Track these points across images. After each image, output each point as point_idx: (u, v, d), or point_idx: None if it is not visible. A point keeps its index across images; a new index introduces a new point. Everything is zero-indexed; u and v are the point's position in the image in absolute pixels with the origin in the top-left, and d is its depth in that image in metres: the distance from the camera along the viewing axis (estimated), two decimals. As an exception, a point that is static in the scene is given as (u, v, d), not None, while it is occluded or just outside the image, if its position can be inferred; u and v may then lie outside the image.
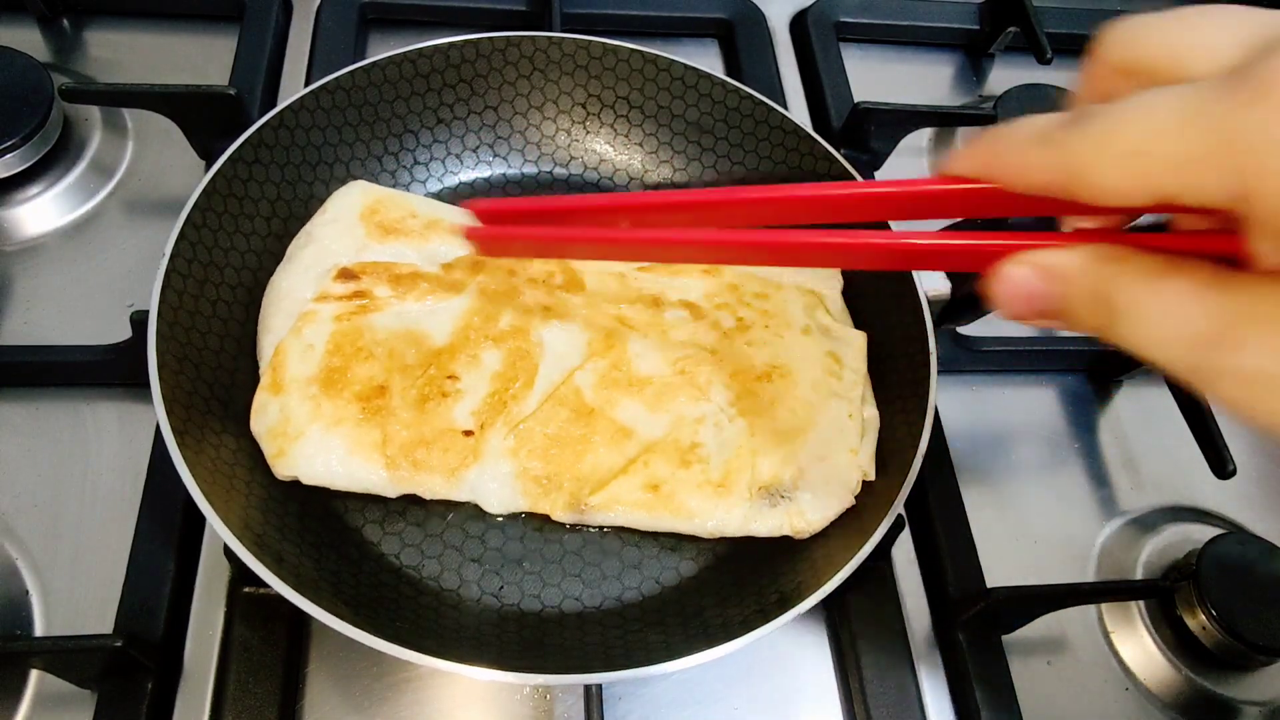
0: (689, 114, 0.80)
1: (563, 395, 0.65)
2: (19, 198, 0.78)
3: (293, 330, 0.64)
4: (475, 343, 0.66)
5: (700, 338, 0.69)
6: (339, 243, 0.69)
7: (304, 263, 0.68)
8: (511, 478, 0.63)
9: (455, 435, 0.62)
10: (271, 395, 0.62)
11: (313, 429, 0.60)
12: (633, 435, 0.64)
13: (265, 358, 0.64)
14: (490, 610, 0.61)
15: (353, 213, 0.70)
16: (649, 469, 0.63)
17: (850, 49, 0.99)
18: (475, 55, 0.77)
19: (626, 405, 0.65)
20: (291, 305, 0.66)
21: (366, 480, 0.61)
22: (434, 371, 0.64)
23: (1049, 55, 0.92)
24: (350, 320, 0.64)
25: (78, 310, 0.73)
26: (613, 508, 0.62)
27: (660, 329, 0.69)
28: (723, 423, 0.65)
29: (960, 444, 0.75)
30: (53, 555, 0.63)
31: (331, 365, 0.63)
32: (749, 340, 0.69)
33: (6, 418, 0.68)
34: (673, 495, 0.62)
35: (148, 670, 0.57)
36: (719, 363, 0.68)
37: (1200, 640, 0.66)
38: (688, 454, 0.64)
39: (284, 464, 0.60)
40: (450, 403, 0.63)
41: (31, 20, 0.89)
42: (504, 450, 0.63)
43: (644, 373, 0.66)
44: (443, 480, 0.62)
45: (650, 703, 0.62)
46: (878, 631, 0.65)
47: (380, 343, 0.64)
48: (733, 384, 0.67)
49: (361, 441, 0.61)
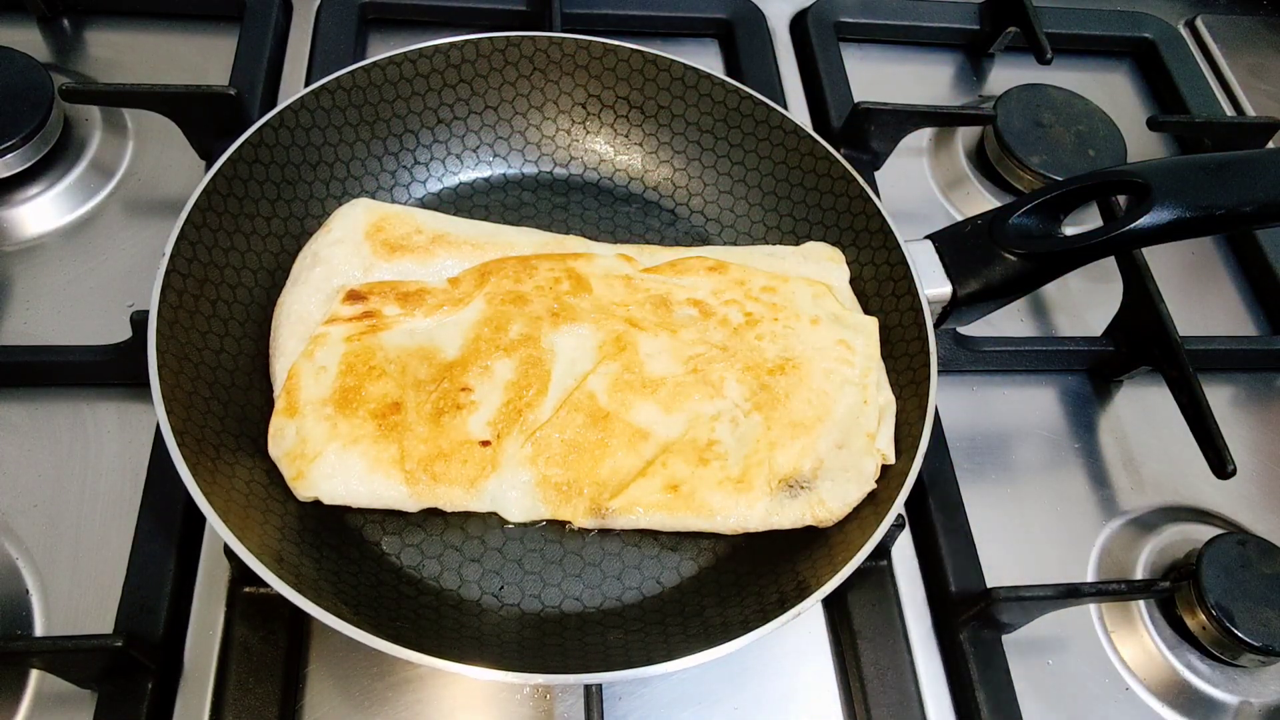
0: (689, 114, 0.80)
1: (577, 400, 0.65)
2: (19, 198, 0.78)
3: (304, 354, 0.64)
4: (487, 353, 0.65)
5: (710, 335, 0.69)
6: (346, 263, 0.68)
7: (312, 284, 0.67)
8: (531, 486, 0.62)
9: (473, 446, 0.62)
10: (287, 419, 0.61)
11: (330, 449, 0.60)
12: (649, 437, 0.64)
13: (278, 381, 0.64)
14: (490, 610, 0.61)
15: (358, 231, 0.70)
16: (667, 469, 0.63)
17: (850, 49, 1.00)
18: (475, 55, 0.77)
19: (641, 407, 0.65)
20: (301, 327, 0.66)
21: (387, 497, 0.61)
22: (447, 385, 0.64)
23: (1049, 55, 0.92)
24: (361, 340, 0.64)
25: (78, 310, 0.73)
26: (633, 510, 0.62)
27: (670, 328, 0.69)
28: (739, 418, 0.65)
29: (960, 444, 0.75)
30: (53, 555, 0.63)
31: (345, 385, 0.62)
32: (759, 334, 0.69)
33: (6, 418, 0.68)
34: (693, 494, 0.62)
35: (148, 670, 0.57)
36: (731, 359, 0.67)
37: (1200, 640, 0.66)
38: (705, 452, 0.64)
39: (304, 486, 0.60)
40: (465, 415, 0.63)
41: (31, 20, 0.89)
42: (522, 459, 0.63)
43: (657, 373, 0.66)
44: (463, 492, 0.62)
45: (650, 703, 0.62)
46: (878, 631, 0.65)
47: (392, 360, 0.64)
48: (746, 379, 0.66)
49: (380, 459, 0.61)
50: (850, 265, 0.74)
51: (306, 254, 0.69)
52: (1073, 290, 0.87)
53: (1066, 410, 0.80)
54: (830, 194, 0.75)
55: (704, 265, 0.73)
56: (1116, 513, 0.75)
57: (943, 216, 0.91)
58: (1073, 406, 0.80)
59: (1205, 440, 0.70)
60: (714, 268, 0.73)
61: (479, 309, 0.67)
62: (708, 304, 0.71)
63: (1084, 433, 0.79)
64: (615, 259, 0.72)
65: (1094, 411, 0.80)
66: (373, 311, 0.66)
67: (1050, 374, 0.82)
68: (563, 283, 0.70)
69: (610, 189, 0.82)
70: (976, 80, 1.02)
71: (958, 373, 0.79)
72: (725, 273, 0.72)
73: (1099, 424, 0.80)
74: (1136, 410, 0.81)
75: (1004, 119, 0.90)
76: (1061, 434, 0.79)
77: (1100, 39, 1.06)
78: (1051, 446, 0.78)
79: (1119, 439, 0.79)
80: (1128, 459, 0.78)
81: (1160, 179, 0.63)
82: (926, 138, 0.96)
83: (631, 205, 0.81)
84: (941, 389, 0.65)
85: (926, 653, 0.66)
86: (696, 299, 0.71)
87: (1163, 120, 0.92)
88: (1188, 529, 0.74)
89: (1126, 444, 0.79)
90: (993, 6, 1.01)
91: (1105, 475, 0.77)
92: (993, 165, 0.92)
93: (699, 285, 0.72)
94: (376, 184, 0.77)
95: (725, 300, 0.71)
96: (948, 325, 0.74)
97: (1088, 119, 0.92)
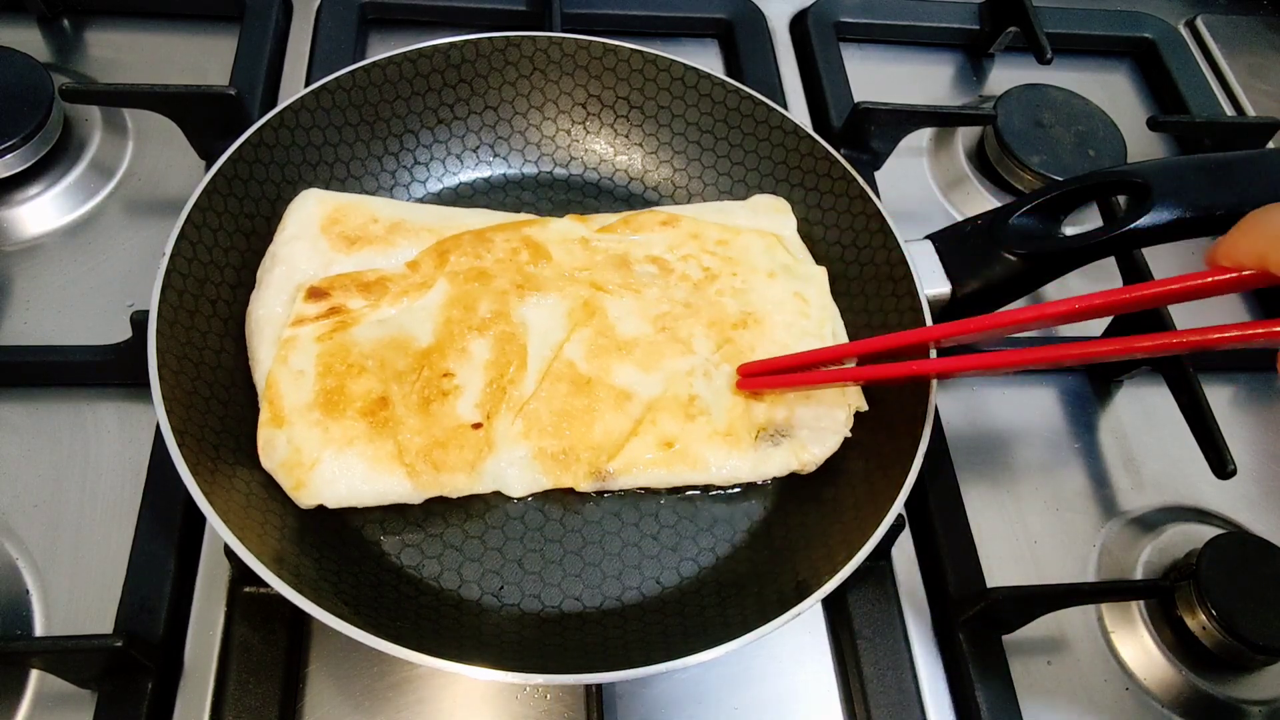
0: (689, 114, 0.80)
1: (557, 370, 0.65)
2: (19, 198, 0.78)
3: (278, 359, 0.62)
4: (460, 335, 0.65)
5: (674, 292, 0.71)
6: (306, 260, 0.67)
7: (275, 286, 0.66)
8: (529, 459, 0.63)
9: (465, 430, 0.62)
10: (275, 429, 0.60)
11: (326, 454, 0.60)
12: (633, 397, 0.66)
13: (261, 390, 0.63)
14: (490, 610, 0.61)
15: (313, 226, 0.69)
16: (657, 427, 0.65)
17: (850, 49, 0.99)
18: (475, 55, 0.77)
19: (620, 369, 0.66)
20: (271, 331, 0.64)
21: (392, 493, 0.61)
22: (428, 372, 0.64)
23: (1049, 55, 0.92)
24: (332, 338, 0.64)
25: (78, 310, 0.73)
26: (631, 470, 0.64)
27: (634, 289, 0.70)
28: (711, 372, 0.67)
29: (960, 444, 0.75)
30: (53, 555, 0.63)
31: (327, 387, 0.62)
32: (719, 290, 0.71)
33: (6, 418, 0.68)
34: (686, 450, 0.65)
35: (148, 670, 0.57)
36: (696, 315, 0.70)
37: (1200, 640, 0.66)
38: (689, 407, 0.66)
39: (306, 494, 0.59)
40: (452, 400, 0.63)
41: (31, 20, 0.89)
42: (515, 435, 0.63)
43: (629, 335, 0.68)
44: (465, 477, 0.62)
45: (650, 703, 0.62)
46: (878, 631, 0.65)
47: (368, 355, 0.63)
48: (711, 334, 0.69)
49: (378, 456, 0.60)
50: (850, 265, 0.74)
51: (266, 256, 0.68)
52: (1073, 290, 0.87)
53: (1066, 410, 0.80)
54: (830, 194, 0.75)
55: (656, 220, 0.74)
56: (1116, 513, 0.75)
57: (943, 216, 0.90)
58: (1073, 406, 0.80)
59: (1205, 440, 0.70)
60: (666, 221, 0.74)
61: (444, 290, 0.67)
62: (666, 260, 0.73)
63: (1084, 433, 0.79)
64: (569, 221, 0.74)
65: (1094, 411, 0.80)
66: (337, 307, 0.65)
67: (1050, 374, 0.82)
68: (521, 253, 0.70)
69: (610, 189, 0.82)
70: (976, 80, 1.02)
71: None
72: (678, 226, 0.74)
73: (1099, 424, 0.80)
74: (1136, 410, 0.81)
75: (1004, 119, 0.90)
76: (1061, 434, 0.79)
77: (1100, 39, 1.06)
78: (1051, 447, 0.78)
79: (1119, 439, 0.79)
80: (1128, 459, 0.78)
81: (1160, 179, 0.63)
82: (926, 138, 0.96)
83: (631, 205, 0.81)
84: (941, 389, 0.65)
85: (926, 653, 0.66)
86: (654, 255, 0.73)
87: (1163, 120, 0.92)
88: (1188, 529, 0.74)
89: (1126, 444, 0.79)
90: (993, 6, 1.01)
91: (1105, 475, 0.77)
92: (993, 165, 0.92)
93: (654, 242, 0.73)
94: (376, 184, 0.77)
95: (682, 255, 0.73)
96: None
97: (1088, 119, 0.92)
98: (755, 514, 0.67)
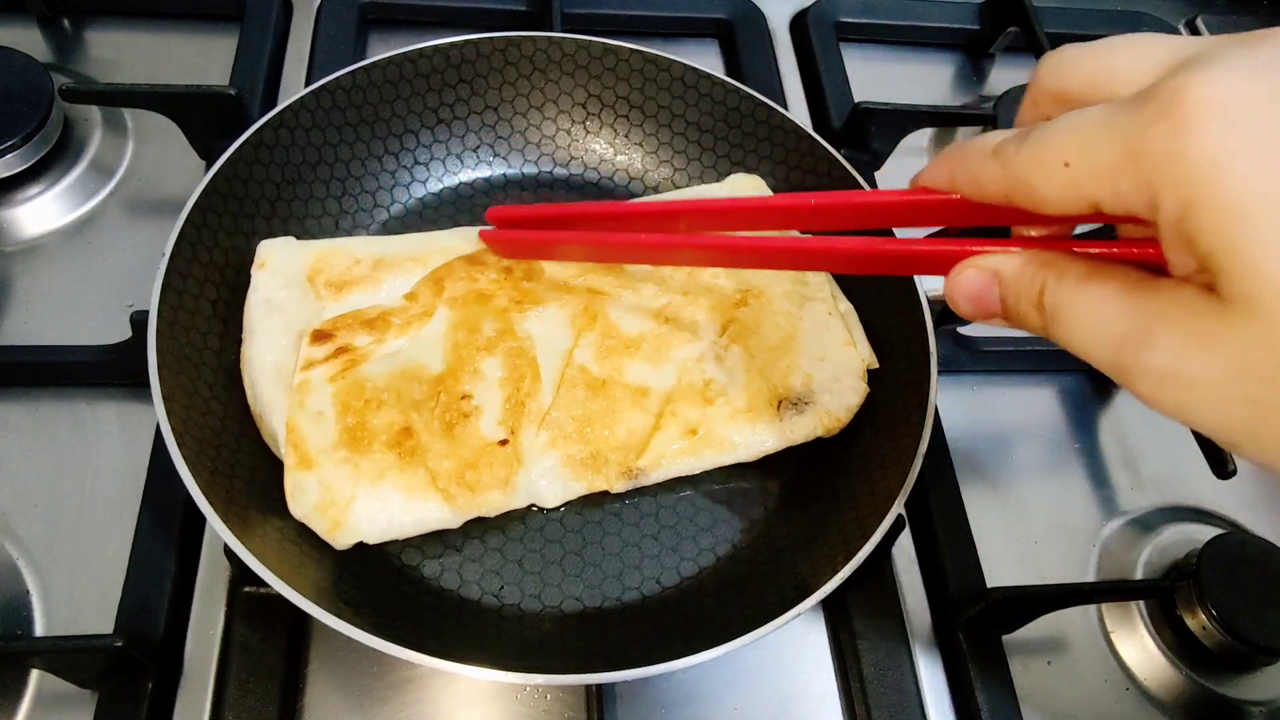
0: (689, 114, 0.80)
1: (571, 377, 0.66)
2: (19, 198, 0.78)
3: (294, 404, 0.62)
4: (470, 357, 0.65)
5: (669, 282, 0.71)
6: (300, 306, 0.66)
7: (274, 332, 0.65)
8: (559, 468, 0.63)
9: (493, 448, 0.62)
10: (303, 472, 0.59)
11: (360, 490, 0.59)
12: (649, 391, 0.66)
13: (270, 434, 0.62)
14: (490, 610, 0.61)
15: (300, 275, 0.68)
16: (678, 417, 0.65)
17: (850, 49, 0.99)
18: (475, 55, 0.77)
19: (632, 366, 0.67)
20: (275, 375, 0.63)
21: (432, 519, 0.61)
22: (445, 397, 0.63)
23: (1049, 55, 0.92)
24: (345, 377, 0.63)
25: (78, 310, 0.73)
26: (660, 464, 0.64)
27: (630, 286, 0.71)
28: (721, 354, 0.68)
29: (960, 444, 0.75)
30: (53, 555, 0.63)
31: (349, 425, 0.61)
32: (714, 272, 0.72)
33: (6, 418, 0.68)
34: (711, 434, 0.65)
35: (148, 670, 0.57)
36: (695, 300, 0.70)
37: (1200, 640, 0.66)
38: (706, 391, 0.66)
39: (344, 534, 0.58)
40: (474, 420, 0.63)
41: (31, 20, 0.89)
42: (542, 446, 0.63)
43: (634, 332, 0.68)
44: (500, 495, 0.62)
45: (650, 703, 0.62)
46: (878, 632, 0.65)
47: (384, 388, 0.63)
48: (714, 316, 0.70)
49: (412, 485, 0.60)
50: (850, 265, 0.74)
51: (257, 301, 0.66)
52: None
53: (1066, 410, 0.80)
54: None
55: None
56: (1116, 513, 0.75)
57: (943, 216, 0.90)
58: (1073, 406, 0.80)
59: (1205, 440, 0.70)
60: None
61: (446, 316, 0.67)
62: None
63: (1084, 433, 0.79)
64: None
65: (1094, 411, 0.80)
66: (344, 346, 0.65)
67: (1050, 374, 0.82)
68: (515, 269, 0.70)
69: (610, 189, 0.82)
70: (976, 80, 1.02)
71: (958, 373, 0.79)
72: None
73: (1099, 424, 0.80)
74: (1136, 410, 0.81)
75: (1004, 119, 0.90)
76: (1061, 434, 0.79)
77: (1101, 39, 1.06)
78: (1051, 446, 0.78)
79: (1119, 439, 0.79)
80: (1128, 459, 0.78)
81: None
82: (926, 138, 0.96)
83: (631, 205, 0.81)
84: (941, 389, 0.65)
85: (926, 653, 0.66)
86: None
87: (1163, 120, 0.92)
88: (1188, 529, 0.74)
89: (1126, 444, 0.79)
90: (993, 6, 1.01)
91: (1105, 475, 0.77)
92: (993, 165, 0.91)
93: None
94: (376, 184, 0.77)
95: None
96: (948, 325, 0.74)
97: (1088, 119, 0.92)
98: (755, 514, 0.67)
